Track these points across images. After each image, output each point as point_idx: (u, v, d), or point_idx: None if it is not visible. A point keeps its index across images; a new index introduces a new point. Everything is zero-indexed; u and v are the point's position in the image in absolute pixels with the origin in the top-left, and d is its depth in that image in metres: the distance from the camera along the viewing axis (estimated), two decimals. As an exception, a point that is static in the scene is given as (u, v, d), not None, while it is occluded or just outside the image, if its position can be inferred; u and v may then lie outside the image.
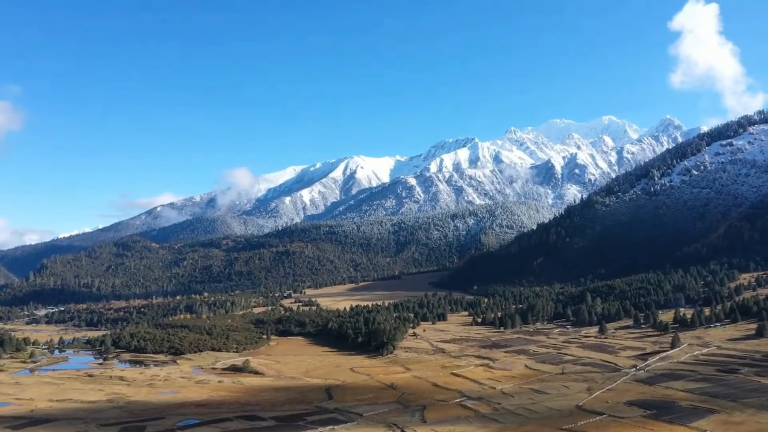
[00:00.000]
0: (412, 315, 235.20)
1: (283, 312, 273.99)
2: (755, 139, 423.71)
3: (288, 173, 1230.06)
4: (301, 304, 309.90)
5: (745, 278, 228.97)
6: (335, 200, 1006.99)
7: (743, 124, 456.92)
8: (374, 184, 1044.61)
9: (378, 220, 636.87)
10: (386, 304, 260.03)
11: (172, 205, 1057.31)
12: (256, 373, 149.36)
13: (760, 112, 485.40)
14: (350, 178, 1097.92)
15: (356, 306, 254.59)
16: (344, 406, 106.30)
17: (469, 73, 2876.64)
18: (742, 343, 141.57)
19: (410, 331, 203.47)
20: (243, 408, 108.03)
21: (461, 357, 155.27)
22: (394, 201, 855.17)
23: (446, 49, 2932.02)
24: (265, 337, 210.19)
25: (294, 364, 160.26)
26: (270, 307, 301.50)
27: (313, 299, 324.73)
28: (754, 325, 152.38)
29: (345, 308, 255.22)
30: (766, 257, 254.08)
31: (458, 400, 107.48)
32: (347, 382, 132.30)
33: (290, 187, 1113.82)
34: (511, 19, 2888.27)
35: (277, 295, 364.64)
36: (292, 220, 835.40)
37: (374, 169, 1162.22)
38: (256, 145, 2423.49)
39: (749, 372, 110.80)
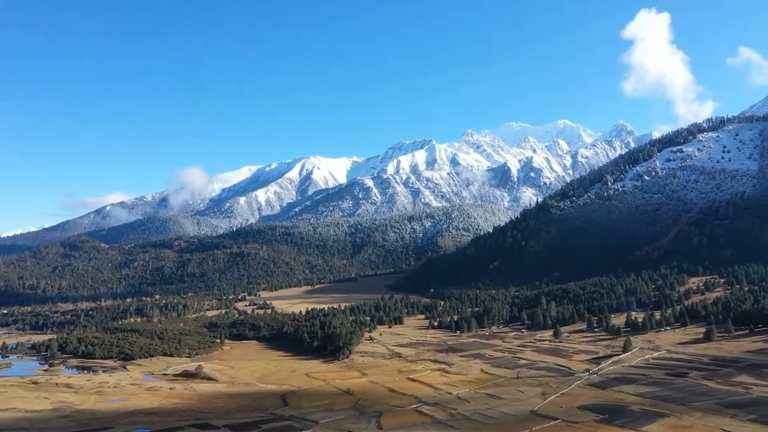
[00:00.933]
0: (368, 318, 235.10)
1: (237, 315, 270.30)
2: (704, 146, 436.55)
3: (243, 173, 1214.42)
4: (255, 307, 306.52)
5: (693, 282, 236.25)
6: (291, 201, 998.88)
7: (693, 131, 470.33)
8: (331, 185, 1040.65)
9: (334, 221, 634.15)
10: (342, 308, 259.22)
11: (122, 204, 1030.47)
12: (209, 379, 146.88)
13: (708, 120, 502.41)
14: (306, 179, 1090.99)
15: (312, 309, 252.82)
16: (300, 413, 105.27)
17: (426, 75, 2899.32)
18: (691, 346, 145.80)
19: (366, 335, 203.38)
20: (195, 416, 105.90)
21: (418, 361, 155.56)
22: (350, 202, 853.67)
23: (404, 50, 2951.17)
24: (218, 341, 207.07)
25: (248, 370, 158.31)
26: (224, 310, 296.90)
27: (268, 302, 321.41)
28: (702, 329, 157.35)
29: (300, 311, 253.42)
30: (714, 262, 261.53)
31: (414, 405, 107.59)
32: (303, 387, 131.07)
33: (245, 187, 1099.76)
34: (469, 24, 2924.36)
35: (231, 297, 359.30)
36: (247, 220, 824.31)
37: (331, 170, 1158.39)
38: (210, 144, 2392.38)
39: (697, 375, 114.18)
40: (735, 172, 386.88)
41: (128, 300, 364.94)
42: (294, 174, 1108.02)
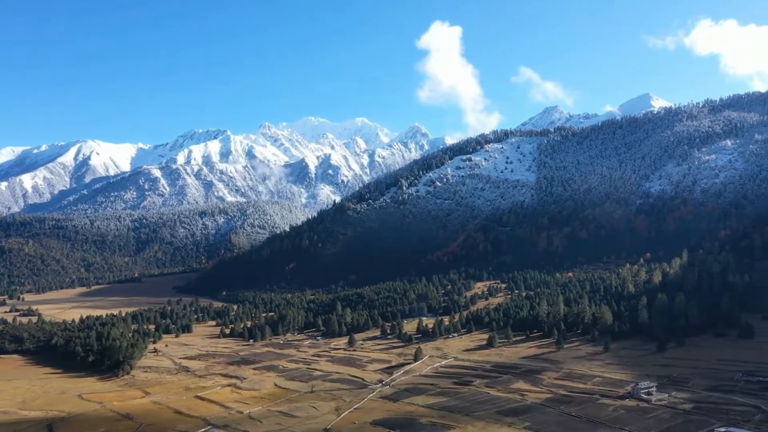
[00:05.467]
0: (153, 327, 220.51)
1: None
2: (490, 156, 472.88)
3: (5, 154, 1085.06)
4: (18, 313, 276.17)
5: (479, 287, 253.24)
6: (64, 189, 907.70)
7: (480, 141, 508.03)
8: (112, 173, 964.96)
9: (116, 214, 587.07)
10: (123, 314, 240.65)
11: None
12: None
13: (494, 132, 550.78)
14: (83, 165, 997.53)
15: (88, 317, 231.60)
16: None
17: (221, 63, 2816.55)
18: (476, 353, 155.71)
19: (151, 346, 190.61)
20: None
21: (207, 376, 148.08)
22: (135, 193, 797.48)
23: (196, 36, 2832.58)
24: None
25: (8, 393, 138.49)
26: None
27: (35, 308, 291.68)
28: (486, 336, 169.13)
29: (74, 319, 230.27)
30: (497, 267, 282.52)
31: (203, 429, 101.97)
32: (74, 413, 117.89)
33: (8, 171, 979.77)
34: (264, 14, 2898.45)
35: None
36: (9, 209, 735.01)
37: (112, 156, 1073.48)
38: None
39: (481, 384, 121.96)
40: (516, 183, 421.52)
41: None
42: (68, 159, 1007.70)
